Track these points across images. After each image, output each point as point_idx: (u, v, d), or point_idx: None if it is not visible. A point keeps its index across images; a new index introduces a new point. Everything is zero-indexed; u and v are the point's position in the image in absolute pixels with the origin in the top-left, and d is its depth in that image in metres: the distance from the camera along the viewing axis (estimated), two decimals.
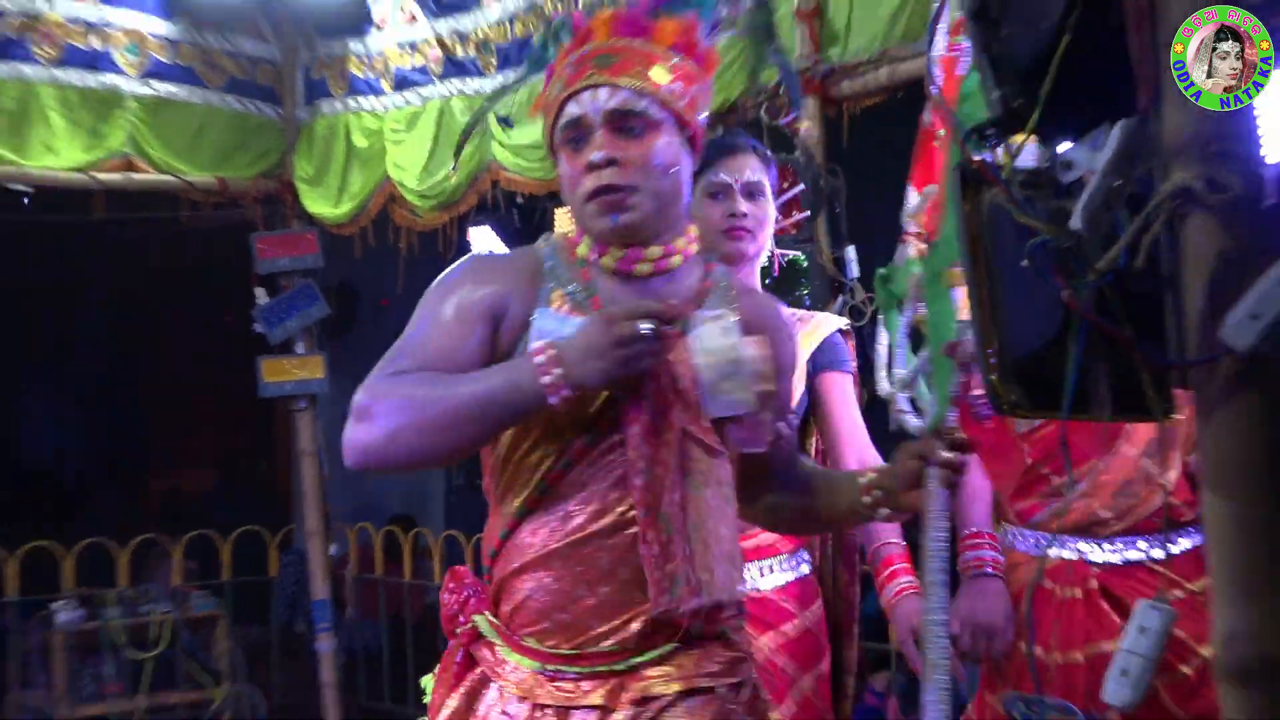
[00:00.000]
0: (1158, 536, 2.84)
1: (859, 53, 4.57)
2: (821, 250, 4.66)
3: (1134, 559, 2.88)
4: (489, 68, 5.90)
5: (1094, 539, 2.93)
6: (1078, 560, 2.94)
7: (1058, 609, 2.95)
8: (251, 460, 8.39)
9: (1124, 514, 2.89)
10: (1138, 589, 2.82)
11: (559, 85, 2.22)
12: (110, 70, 6.22)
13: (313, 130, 6.61)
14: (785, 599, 3.10)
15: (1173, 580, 2.81)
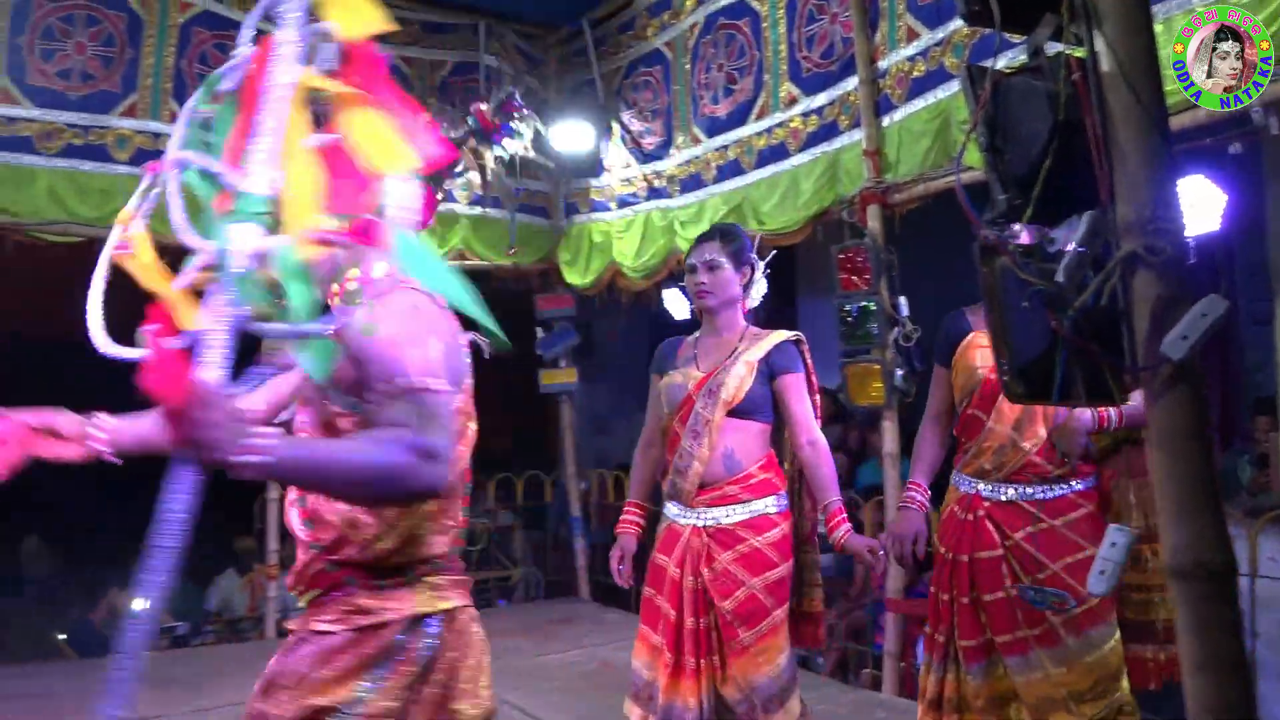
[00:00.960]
0: (1026, 485, 2.74)
1: (905, 175, 4.53)
2: (884, 299, 4.63)
3: (1008, 498, 2.76)
4: (675, 192, 5.98)
5: (985, 481, 2.81)
6: (974, 494, 2.82)
7: (960, 526, 2.85)
8: (534, 431, 8.53)
9: (1000, 467, 2.77)
10: (1010, 519, 2.74)
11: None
12: (451, 201, 6.47)
13: (569, 232, 6.76)
14: (743, 529, 2.78)
15: (1037, 516, 2.71)
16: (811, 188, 5.00)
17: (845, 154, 4.87)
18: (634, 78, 6.27)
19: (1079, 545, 2.66)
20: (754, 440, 2.85)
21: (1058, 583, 2.63)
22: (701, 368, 2.90)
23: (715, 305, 2.91)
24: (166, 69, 5.56)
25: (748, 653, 2.72)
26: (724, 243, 2.93)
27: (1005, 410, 2.72)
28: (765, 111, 5.37)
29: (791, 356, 2.89)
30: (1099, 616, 2.63)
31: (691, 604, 2.77)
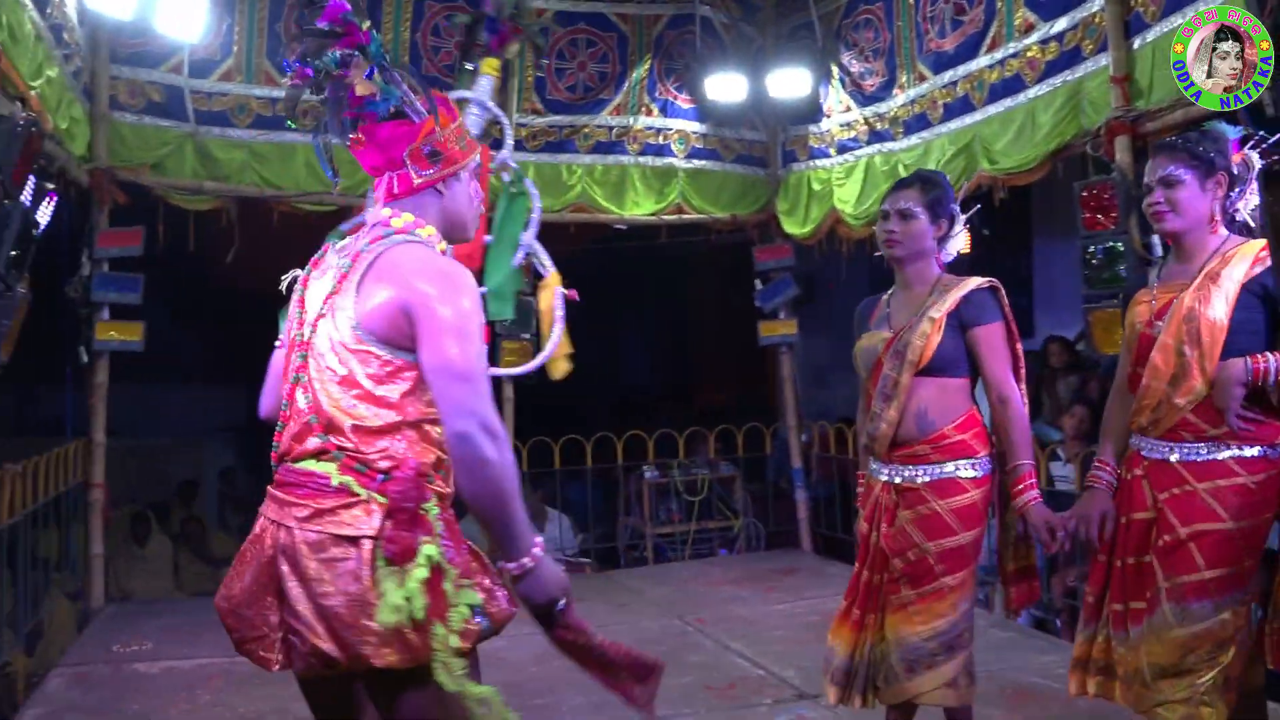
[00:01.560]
0: (1181, 444, 2.43)
1: (1160, 101, 4.12)
2: (1133, 238, 4.27)
3: (1161, 456, 2.47)
4: (898, 134, 5.74)
5: (1145, 439, 2.52)
6: (1136, 452, 2.54)
7: (1123, 485, 2.60)
8: (754, 383, 8.49)
9: (1155, 424, 2.47)
10: (1161, 479, 2.45)
11: None
12: (669, 155, 6.55)
13: (787, 182, 6.67)
14: (928, 491, 2.65)
15: (1185, 478, 2.41)
16: (1050, 121, 4.65)
17: (1089, 82, 4.49)
18: (854, 16, 6.04)
19: (1216, 515, 2.35)
20: (952, 397, 2.69)
21: (1183, 553, 2.36)
22: (893, 326, 2.77)
23: (903, 256, 2.76)
24: (403, 43, 5.92)
25: (905, 610, 2.65)
26: (923, 191, 2.75)
27: (1159, 365, 2.46)
28: (998, 42, 5.02)
29: (984, 306, 2.68)
30: (1205, 592, 2.34)
31: (872, 558, 2.74)
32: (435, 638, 1.69)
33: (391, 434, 1.77)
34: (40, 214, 4.07)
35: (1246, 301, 2.36)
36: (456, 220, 1.95)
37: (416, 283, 1.75)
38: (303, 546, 1.73)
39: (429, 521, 1.74)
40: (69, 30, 4.60)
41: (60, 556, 5.30)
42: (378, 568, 1.70)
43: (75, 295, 5.21)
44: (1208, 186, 2.44)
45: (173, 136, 5.42)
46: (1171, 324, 2.44)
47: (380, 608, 1.67)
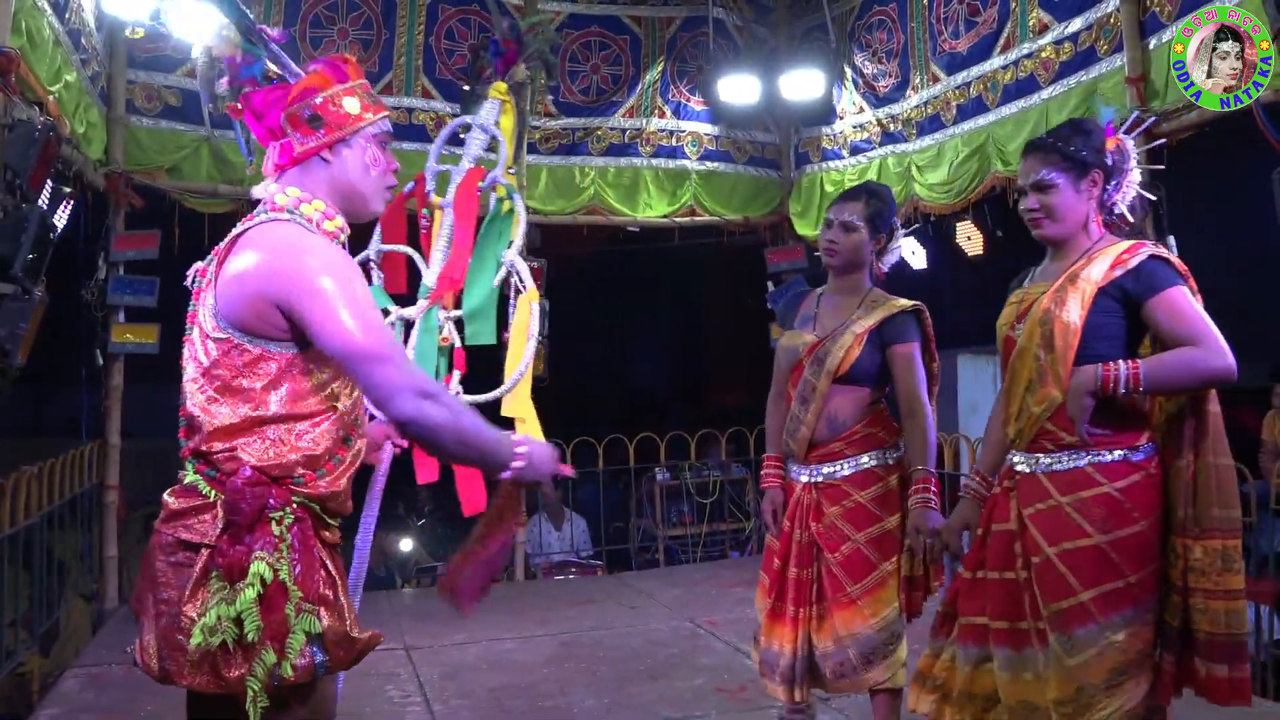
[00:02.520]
0: (1044, 454, 2.29)
1: (1175, 101, 4.09)
2: (1149, 240, 4.21)
3: (1029, 469, 2.32)
4: (911, 135, 5.72)
5: (1014, 450, 2.37)
6: (1009, 465, 2.39)
7: (992, 498, 2.46)
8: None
9: (1020, 435, 2.33)
10: (1027, 493, 2.30)
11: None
12: (682, 157, 6.55)
13: (800, 183, 6.66)
14: (848, 484, 2.82)
15: (1049, 491, 2.27)
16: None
17: (1104, 82, 4.47)
18: (867, 17, 6.03)
19: (1082, 531, 2.19)
20: (861, 403, 2.86)
21: (1050, 571, 2.21)
22: (817, 331, 2.92)
23: (839, 265, 2.91)
24: (417, 46, 5.95)
25: (854, 605, 2.77)
26: (866, 204, 2.89)
27: (1019, 371, 2.31)
28: (1012, 42, 5.01)
29: (905, 327, 2.84)
30: (1085, 616, 2.17)
31: (797, 555, 2.85)
32: (259, 663, 1.52)
33: (248, 432, 1.62)
34: (57, 217, 4.10)
35: (1104, 305, 2.21)
36: (349, 191, 1.76)
37: (278, 265, 1.60)
38: (158, 548, 1.64)
39: (272, 534, 1.59)
40: (87, 35, 4.63)
41: (76, 558, 5.33)
42: (211, 580, 1.56)
43: (91, 298, 5.24)
44: (1082, 187, 2.28)
45: (188, 140, 5.45)
46: (1028, 326, 2.30)
47: (196, 626, 1.53)
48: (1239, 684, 2.19)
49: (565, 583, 6.14)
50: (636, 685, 3.99)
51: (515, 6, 6.19)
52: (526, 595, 5.67)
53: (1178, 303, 2.17)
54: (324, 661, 1.60)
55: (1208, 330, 2.14)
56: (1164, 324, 2.17)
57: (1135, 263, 2.19)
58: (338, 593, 1.65)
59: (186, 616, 1.55)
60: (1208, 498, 2.19)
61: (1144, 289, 2.18)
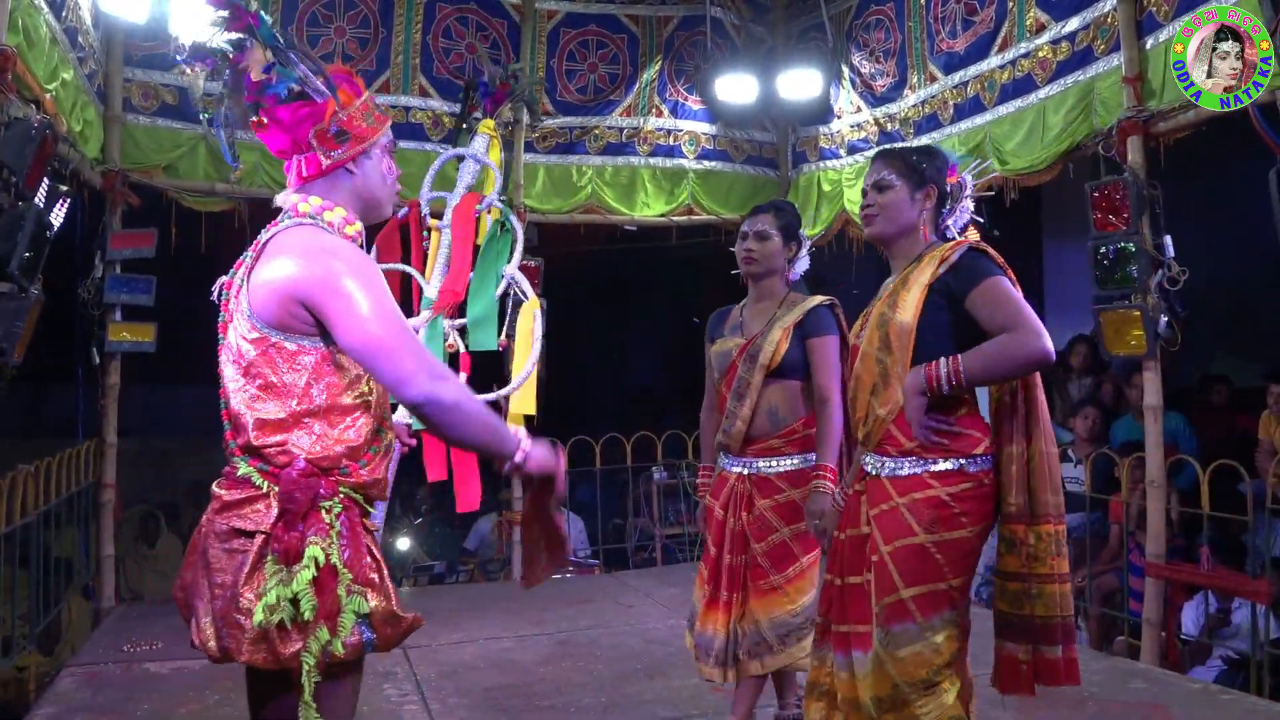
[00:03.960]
0: (887, 458, 2.34)
1: (1172, 101, 4.10)
2: (1145, 239, 4.25)
3: (875, 472, 2.37)
4: (908, 135, 5.72)
5: (864, 452, 2.43)
6: (861, 466, 2.45)
7: (847, 501, 2.52)
8: None
9: (868, 439, 2.40)
10: (873, 495, 2.36)
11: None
12: (679, 156, 6.56)
13: (797, 183, 6.66)
14: (782, 480, 3.04)
15: (891, 494, 2.32)
16: (1061, 121, 4.64)
17: (1101, 82, 4.47)
18: (865, 17, 6.03)
19: (910, 529, 2.25)
20: (795, 398, 3.07)
21: (883, 569, 2.26)
22: (745, 334, 3.14)
23: (759, 273, 3.13)
24: (415, 45, 5.95)
25: (775, 592, 3.00)
26: (777, 216, 3.15)
27: (864, 376, 2.38)
28: (1009, 42, 5.02)
29: (822, 320, 3.07)
30: (904, 613, 2.22)
31: (730, 542, 3.06)
32: (314, 640, 1.66)
33: (294, 427, 1.74)
34: (54, 215, 4.09)
35: (933, 302, 2.29)
36: (369, 198, 1.91)
37: (306, 266, 1.71)
38: (211, 535, 1.75)
39: (323, 521, 1.72)
40: (83, 33, 4.62)
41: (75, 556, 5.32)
42: (266, 564, 1.68)
43: (88, 296, 5.23)
44: (916, 197, 2.41)
45: (185, 138, 5.44)
46: (869, 331, 2.39)
47: (257, 606, 1.65)
48: (1071, 665, 2.29)
49: (562, 582, 6.14)
50: (634, 684, 3.99)
51: (514, 5, 6.19)
52: (523, 595, 5.66)
53: (995, 292, 2.24)
54: (372, 639, 1.73)
55: (1024, 316, 2.20)
56: (984, 314, 2.26)
57: (955, 257, 2.30)
58: (382, 576, 1.78)
59: (244, 597, 1.67)
60: (1041, 483, 2.28)
61: (964, 283, 2.28)
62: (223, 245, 5.59)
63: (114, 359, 5.31)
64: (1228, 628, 4.40)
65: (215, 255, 5.62)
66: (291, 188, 1.89)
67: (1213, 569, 4.28)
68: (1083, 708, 3.56)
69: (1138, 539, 4.61)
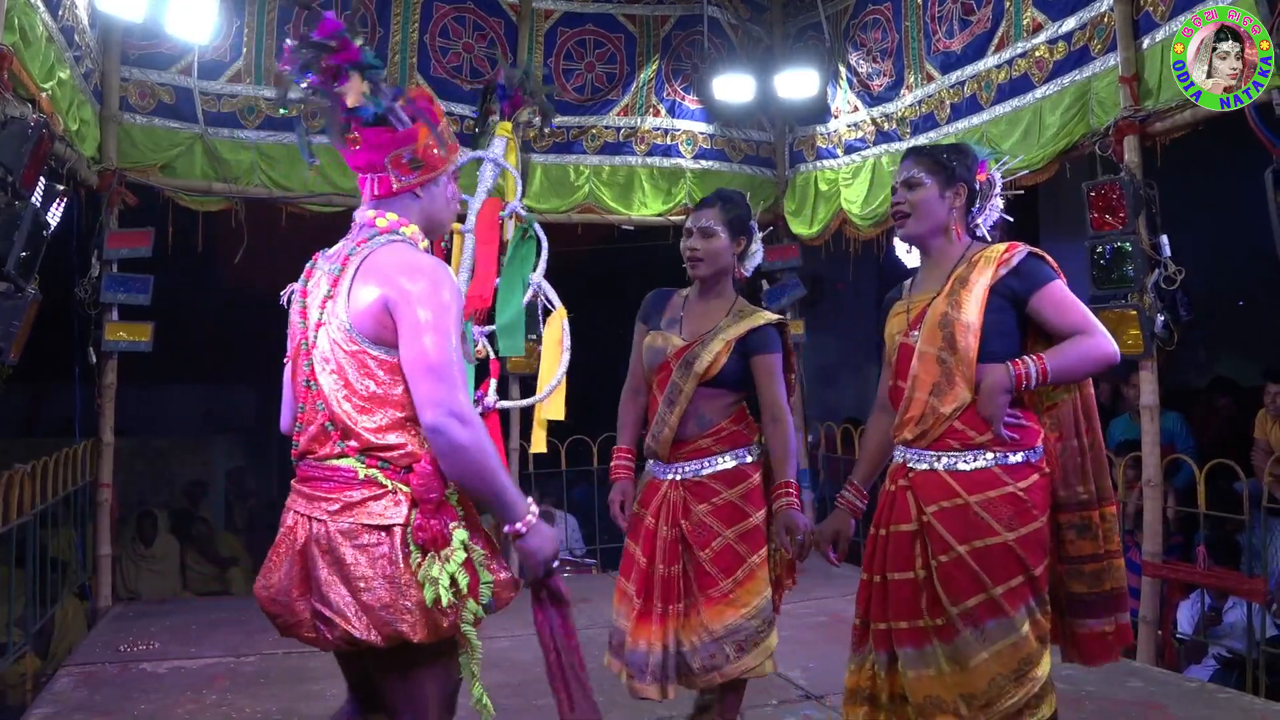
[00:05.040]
0: (948, 453, 2.35)
1: (1169, 101, 4.11)
2: (1142, 239, 4.26)
3: (929, 467, 2.37)
4: (905, 135, 5.73)
5: (911, 450, 2.43)
6: (901, 463, 2.46)
7: (885, 498, 2.50)
8: None
9: (922, 436, 2.39)
10: (929, 491, 2.35)
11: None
12: (677, 155, 6.56)
13: (794, 182, 6.67)
14: (715, 481, 2.90)
15: (955, 490, 2.32)
16: (1058, 121, 4.65)
17: (1097, 82, 4.48)
18: (862, 17, 6.04)
19: (990, 529, 2.27)
20: (725, 404, 2.95)
21: (962, 569, 2.27)
22: (684, 334, 2.99)
23: (703, 273, 2.98)
24: (412, 44, 5.95)
25: (726, 599, 2.85)
26: (723, 209, 2.97)
27: (921, 374, 2.39)
28: (1006, 42, 5.02)
29: (768, 339, 2.94)
30: (998, 610, 2.26)
31: (664, 552, 2.90)
32: (467, 610, 1.86)
33: (401, 429, 1.88)
34: (50, 215, 4.09)
35: (996, 304, 2.34)
36: (434, 220, 2.05)
37: (399, 280, 1.84)
38: (338, 536, 1.85)
39: (453, 508, 1.89)
40: (80, 32, 4.61)
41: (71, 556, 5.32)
42: (411, 553, 1.83)
43: (85, 296, 5.23)
44: (946, 195, 2.44)
45: (182, 138, 5.44)
46: (927, 331, 2.39)
47: (427, 587, 1.81)
48: (1131, 629, 2.46)
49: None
50: None
51: (511, 5, 6.19)
52: (521, 594, 5.65)
53: (1061, 295, 2.35)
54: (492, 604, 1.94)
55: (1092, 319, 2.33)
56: (1051, 316, 2.33)
57: (1016, 261, 2.36)
58: (494, 549, 1.96)
59: (406, 582, 1.83)
60: (1102, 471, 2.43)
61: (1028, 285, 2.34)
62: (219, 244, 5.60)
63: (111, 358, 5.31)
64: (1220, 626, 4.41)
65: (212, 254, 5.63)
66: (366, 203, 2.03)
67: (1209, 568, 4.29)
68: (1081, 706, 3.56)
69: (1135, 538, 4.62)
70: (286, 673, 4.09)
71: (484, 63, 6.15)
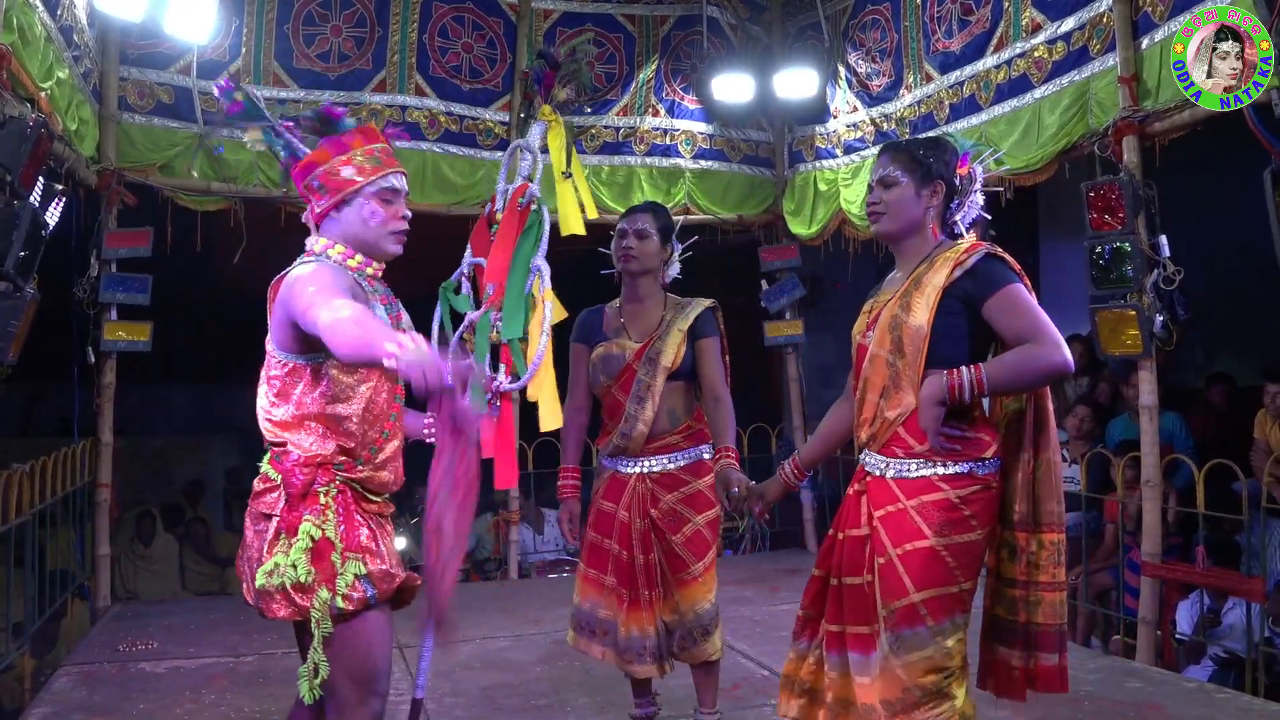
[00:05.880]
0: (895, 459, 2.29)
1: (1168, 101, 4.11)
2: (1141, 239, 4.27)
3: (880, 473, 2.32)
4: (904, 135, 5.73)
5: (867, 453, 2.41)
6: (861, 466, 2.43)
7: (845, 500, 2.48)
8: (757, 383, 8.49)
9: (874, 439, 2.36)
10: (878, 496, 2.32)
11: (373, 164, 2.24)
12: (676, 155, 6.56)
13: (794, 182, 6.67)
14: (683, 473, 3.12)
15: (898, 496, 2.28)
16: (1057, 121, 4.65)
17: (1097, 82, 4.48)
18: (861, 17, 6.04)
19: (920, 532, 2.21)
20: (688, 396, 3.19)
21: (893, 575, 2.23)
22: (634, 337, 3.17)
23: (637, 271, 3.17)
24: (411, 44, 5.94)
25: (696, 582, 3.07)
26: (655, 216, 3.20)
27: (872, 378, 2.34)
28: (1005, 42, 5.02)
29: (709, 322, 3.19)
30: (916, 617, 2.19)
31: (640, 542, 3.11)
32: (317, 598, 2.07)
33: (297, 427, 2.14)
34: (49, 215, 4.08)
35: (949, 306, 2.24)
36: (356, 239, 2.22)
37: (289, 292, 2.07)
38: (248, 519, 2.20)
39: (319, 504, 2.11)
40: (79, 32, 4.61)
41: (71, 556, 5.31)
42: (280, 540, 2.10)
43: (84, 295, 5.23)
44: (923, 193, 2.35)
45: (181, 138, 5.44)
46: (878, 333, 2.33)
47: (259, 571, 2.09)
48: (1064, 672, 2.31)
49: (558, 581, 6.14)
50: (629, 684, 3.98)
51: (510, 5, 6.19)
52: (519, 594, 5.67)
53: (1014, 300, 2.22)
54: (374, 594, 2.13)
55: (1043, 326, 2.20)
56: (1002, 322, 2.23)
57: (972, 262, 2.25)
58: (379, 543, 2.18)
59: (260, 566, 2.11)
60: (1046, 492, 2.30)
61: (982, 288, 2.23)
62: (218, 244, 5.60)
63: (110, 358, 5.31)
64: (1218, 627, 4.41)
65: (211, 254, 5.63)
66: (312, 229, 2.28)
67: (1208, 568, 4.29)
68: (1079, 706, 3.56)
69: (1135, 538, 4.62)
70: (285, 672, 4.09)
71: (483, 62, 6.15)
